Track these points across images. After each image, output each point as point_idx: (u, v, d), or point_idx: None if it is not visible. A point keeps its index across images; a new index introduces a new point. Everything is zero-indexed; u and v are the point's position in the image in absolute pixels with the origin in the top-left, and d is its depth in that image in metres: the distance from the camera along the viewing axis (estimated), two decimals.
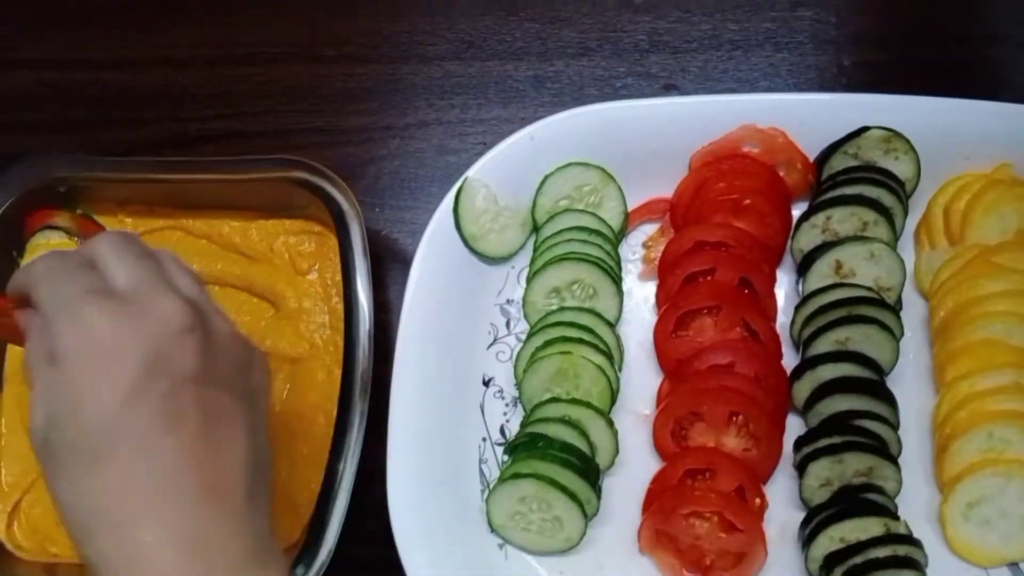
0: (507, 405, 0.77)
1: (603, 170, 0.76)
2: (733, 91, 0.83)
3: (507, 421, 0.76)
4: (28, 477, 0.75)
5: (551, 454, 0.68)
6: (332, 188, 0.73)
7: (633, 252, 0.79)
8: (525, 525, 0.70)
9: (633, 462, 0.73)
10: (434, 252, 0.76)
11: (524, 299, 0.76)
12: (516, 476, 0.69)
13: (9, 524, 0.75)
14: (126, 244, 0.50)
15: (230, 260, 0.79)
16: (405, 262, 0.82)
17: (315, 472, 0.73)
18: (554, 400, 0.72)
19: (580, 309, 0.74)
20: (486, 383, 0.77)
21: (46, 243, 0.77)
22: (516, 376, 0.75)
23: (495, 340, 0.78)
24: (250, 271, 0.78)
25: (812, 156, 0.75)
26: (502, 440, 0.76)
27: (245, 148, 0.86)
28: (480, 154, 0.82)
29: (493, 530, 0.72)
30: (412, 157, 0.85)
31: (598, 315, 0.74)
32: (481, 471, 0.75)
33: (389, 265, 0.83)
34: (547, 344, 0.73)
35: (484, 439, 0.76)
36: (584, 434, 0.71)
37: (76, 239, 0.78)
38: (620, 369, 0.74)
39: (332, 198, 0.73)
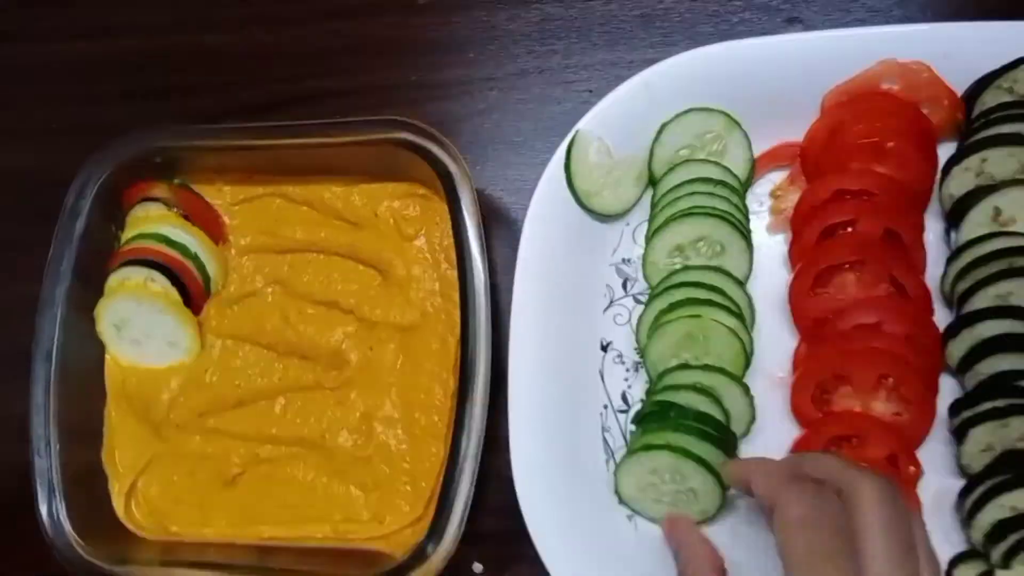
0: (628, 371, 0.73)
1: (727, 115, 0.70)
2: (863, 22, 0.76)
3: (628, 387, 0.73)
4: (143, 458, 0.74)
5: (685, 424, 0.64)
6: (438, 149, 0.69)
7: (759, 203, 0.73)
8: (657, 497, 0.67)
9: (768, 428, 0.69)
10: (545, 211, 0.71)
11: (644, 259, 0.71)
12: (648, 447, 0.65)
13: (127, 505, 0.74)
14: (893, 521, 0.47)
15: (333, 227, 0.76)
16: (510, 222, 0.78)
17: (435, 444, 0.71)
18: (683, 366, 0.67)
19: (707, 268, 0.69)
20: (604, 348, 0.73)
21: (145, 215, 0.75)
22: (639, 341, 0.70)
23: (611, 302, 0.74)
24: (355, 238, 0.75)
25: (960, 92, 0.68)
26: (624, 407, 0.72)
27: (338, 108, 0.82)
28: (586, 103, 0.77)
29: (622, 501, 0.68)
30: (513, 110, 0.80)
31: (727, 273, 0.69)
32: (604, 440, 0.72)
33: (493, 225, 0.79)
34: (672, 307, 0.68)
35: (606, 406, 0.72)
36: (717, 401, 0.66)
37: (175, 210, 0.75)
38: (752, 330, 0.69)
39: (438, 160, 0.69)
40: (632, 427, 0.70)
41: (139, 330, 0.74)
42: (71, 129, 0.86)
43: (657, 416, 0.66)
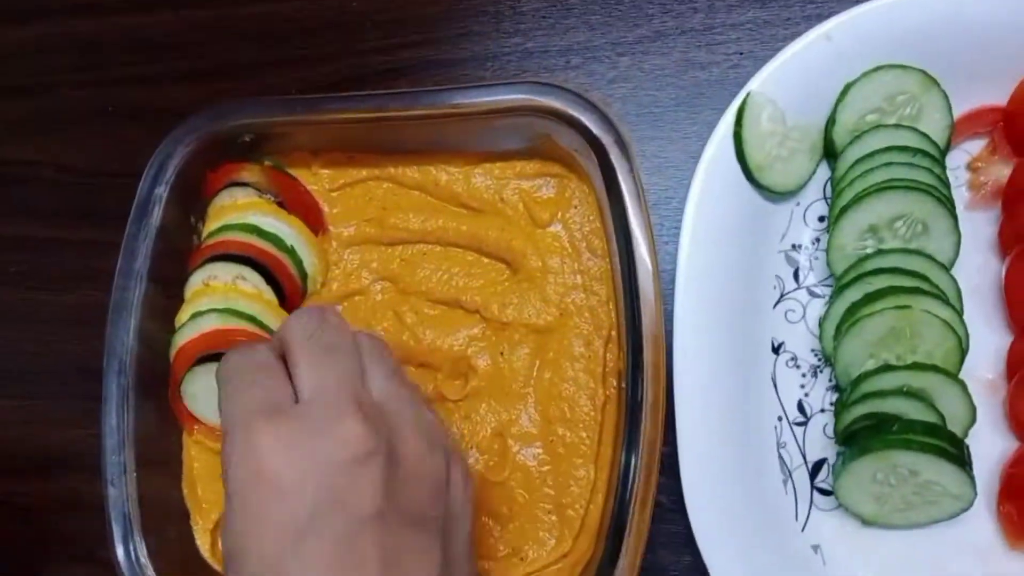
0: (804, 376, 0.62)
1: (925, 74, 0.60)
2: None
3: (806, 396, 0.62)
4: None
5: (915, 441, 0.53)
6: (589, 116, 0.58)
7: (954, 177, 0.62)
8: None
9: (977, 438, 0.58)
10: (710, 190, 0.61)
11: (829, 243, 0.60)
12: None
13: (213, 543, 0.63)
14: (319, 331, 0.45)
15: (451, 214, 0.65)
16: (651, 206, 0.67)
17: (583, 465, 0.60)
18: (886, 368, 0.57)
19: (907, 251, 0.58)
20: (776, 350, 0.63)
21: (232, 203, 0.64)
22: (825, 340, 0.60)
23: (782, 296, 0.63)
24: (478, 226, 0.64)
25: None
26: (802, 419, 0.62)
27: (445, 80, 0.72)
28: (737, 67, 0.68)
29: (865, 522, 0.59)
30: (649, 77, 0.70)
31: (930, 258, 0.58)
32: (780, 457, 0.61)
33: None
34: (870, 298, 0.58)
35: (780, 418, 0.62)
36: (931, 406, 0.56)
37: (267, 196, 0.65)
38: None
39: (588, 128, 0.58)
40: (839, 448, 0.59)
41: None
42: (132, 113, 0.75)
43: (874, 431, 0.55)
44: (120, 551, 0.59)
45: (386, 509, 0.41)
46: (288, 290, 0.64)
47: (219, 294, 0.62)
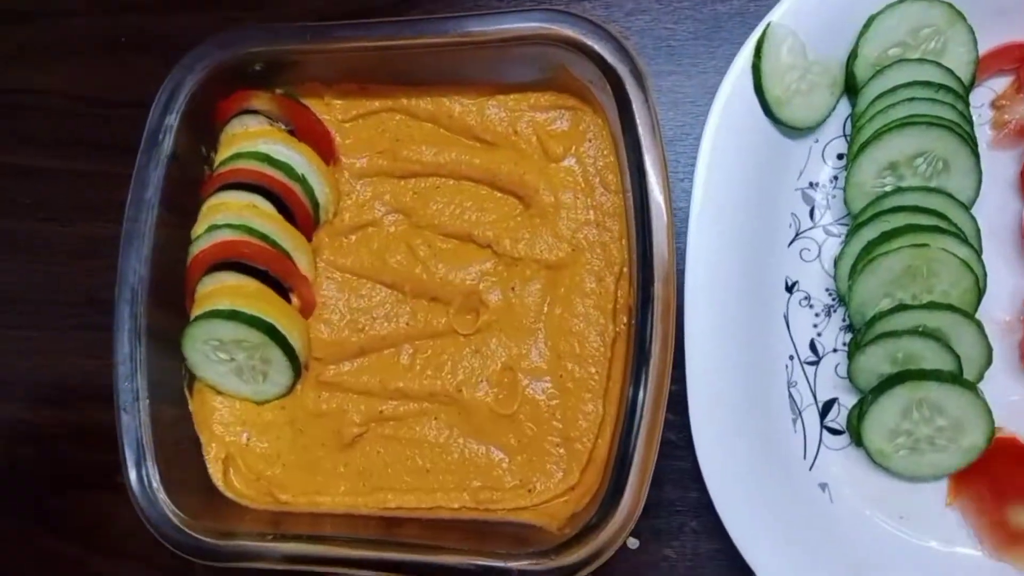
0: (817, 315, 0.62)
1: (951, 6, 0.58)
2: None
3: (819, 335, 0.62)
4: (244, 417, 0.64)
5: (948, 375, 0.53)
6: (605, 45, 0.57)
7: (978, 115, 0.61)
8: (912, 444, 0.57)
9: (994, 380, 0.58)
10: (726, 126, 0.60)
11: (847, 180, 0.59)
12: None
13: (226, 471, 0.64)
14: None
15: (465, 147, 0.64)
16: (667, 142, 0.67)
17: (592, 400, 0.60)
18: (901, 308, 0.56)
19: (927, 189, 0.57)
20: (789, 288, 0.62)
21: (244, 131, 0.64)
22: (840, 279, 0.59)
23: (797, 234, 0.62)
24: (491, 159, 0.63)
25: None
26: (814, 358, 0.61)
27: (455, 10, 0.70)
28: (757, 0, 0.66)
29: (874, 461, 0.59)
30: (667, 9, 0.68)
31: (950, 196, 0.57)
32: (791, 396, 0.61)
33: None
34: (887, 236, 0.57)
35: (791, 357, 0.61)
36: (947, 347, 0.55)
37: (277, 124, 0.64)
38: None
39: (603, 58, 0.57)
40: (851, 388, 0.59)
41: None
42: (145, 42, 0.75)
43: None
44: (133, 476, 0.59)
45: None
46: (300, 218, 0.63)
47: (233, 211, 0.61)
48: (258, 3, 0.73)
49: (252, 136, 0.63)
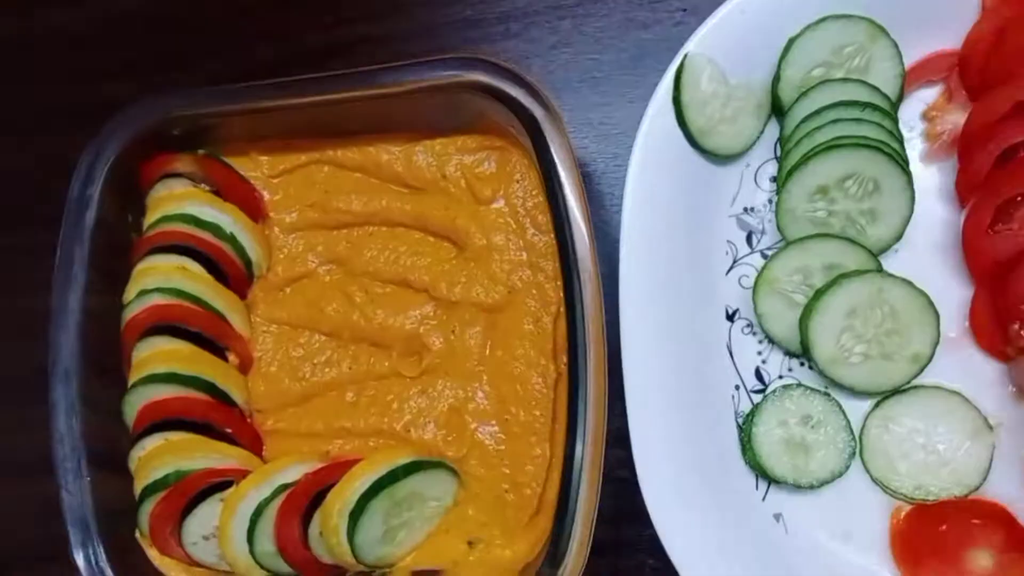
0: (760, 343, 0.61)
1: (871, 22, 0.57)
2: None
3: (763, 363, 0.61)
4: None
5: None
6: (519, 90, 0.56)
7: (909, 128, 0.60)
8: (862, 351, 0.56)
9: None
10: (651, 157, 0.59)
11: (778, 207, 0.58)
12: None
13: None
14: None
15: (394, 194, 0.63)
16: (598, 175, 0.66)
17: (538, 443, 0.59)
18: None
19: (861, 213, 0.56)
20: (731, 317, 0.61)
21: (168, 194, 0.63)
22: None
23: (735, 262, 0.61)
24: (421, 205, 0.62)
25: None
26: (760, 387, 0.60)
27: (380, 58, 0.69)
28: (681, 24, 0.66)
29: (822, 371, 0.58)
30: (591, 40, 0.68)
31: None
32: (739, 426, 0.60)
33: None
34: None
35: (737, 387, 0.60)
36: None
37: (202, 185, 0.63)
38: None
39: (517, 102, 0.56)
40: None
41: None
42: (67, 109, 0.74)
43: None
44: (80, 558, 0.59)
45: None
46: (232, 277, 0.63)
47: (163, 274, 0.61)
48: (180, 65, 0.72)
49: (178, 198, 0.62)
